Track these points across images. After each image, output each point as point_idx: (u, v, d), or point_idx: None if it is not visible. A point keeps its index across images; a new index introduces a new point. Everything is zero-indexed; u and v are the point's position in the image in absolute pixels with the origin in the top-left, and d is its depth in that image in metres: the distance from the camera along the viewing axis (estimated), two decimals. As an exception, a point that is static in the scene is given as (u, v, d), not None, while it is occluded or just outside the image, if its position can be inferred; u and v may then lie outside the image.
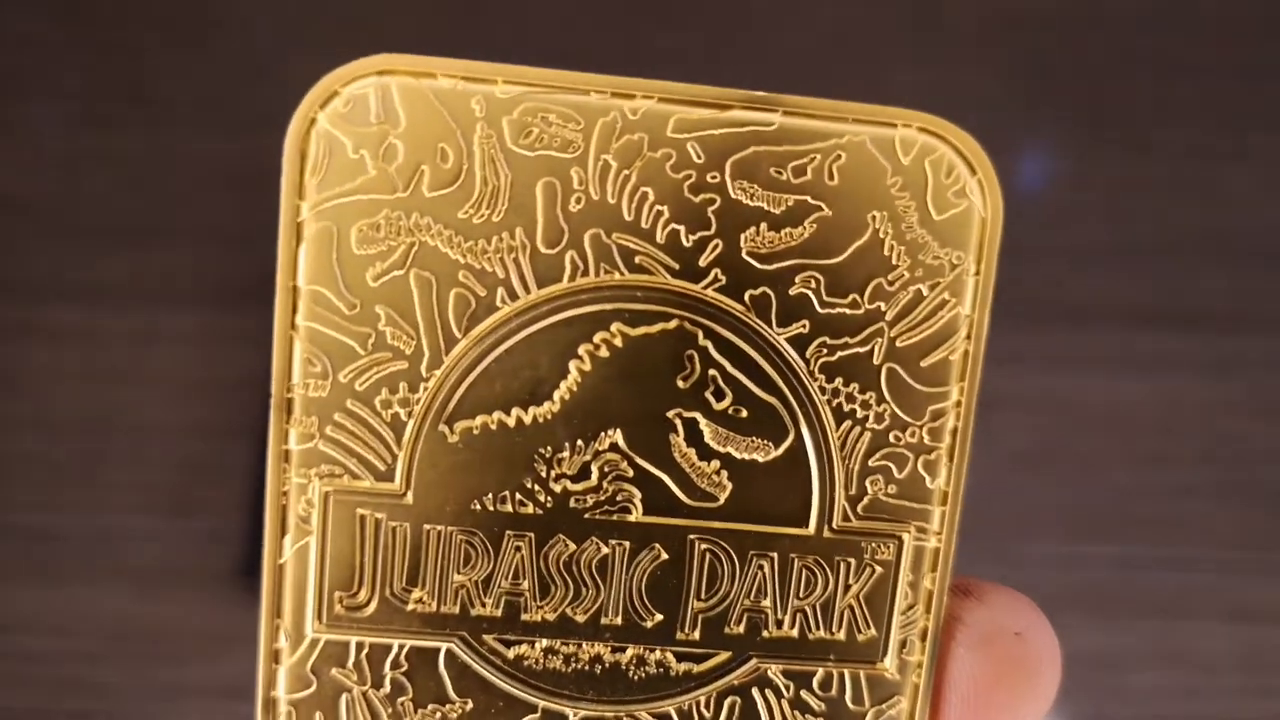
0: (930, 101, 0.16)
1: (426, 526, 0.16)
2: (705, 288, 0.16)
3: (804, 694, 0.17)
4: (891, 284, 0.16)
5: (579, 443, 0.16)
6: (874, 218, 0.16)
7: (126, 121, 0.40)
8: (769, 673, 0.17)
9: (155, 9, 0.41)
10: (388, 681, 0.17)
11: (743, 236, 0.16)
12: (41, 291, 0.40)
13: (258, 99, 0.35)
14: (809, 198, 0.16)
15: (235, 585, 0.38)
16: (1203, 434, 0.42)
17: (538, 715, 0.17)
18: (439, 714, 0.17)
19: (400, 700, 0.17)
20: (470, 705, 0.17)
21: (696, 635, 0.17)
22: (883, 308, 0.17)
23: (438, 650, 0.17)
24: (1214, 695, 0.41)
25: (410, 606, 0.16)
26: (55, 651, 0.39)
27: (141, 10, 0.41)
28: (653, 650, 0.17)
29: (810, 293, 0.16)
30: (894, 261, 0.16)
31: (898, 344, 0.17)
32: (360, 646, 0.16)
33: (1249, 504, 0.41)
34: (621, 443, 0.16)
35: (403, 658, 0.17)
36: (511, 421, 0.16)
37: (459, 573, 0.16)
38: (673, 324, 0.16)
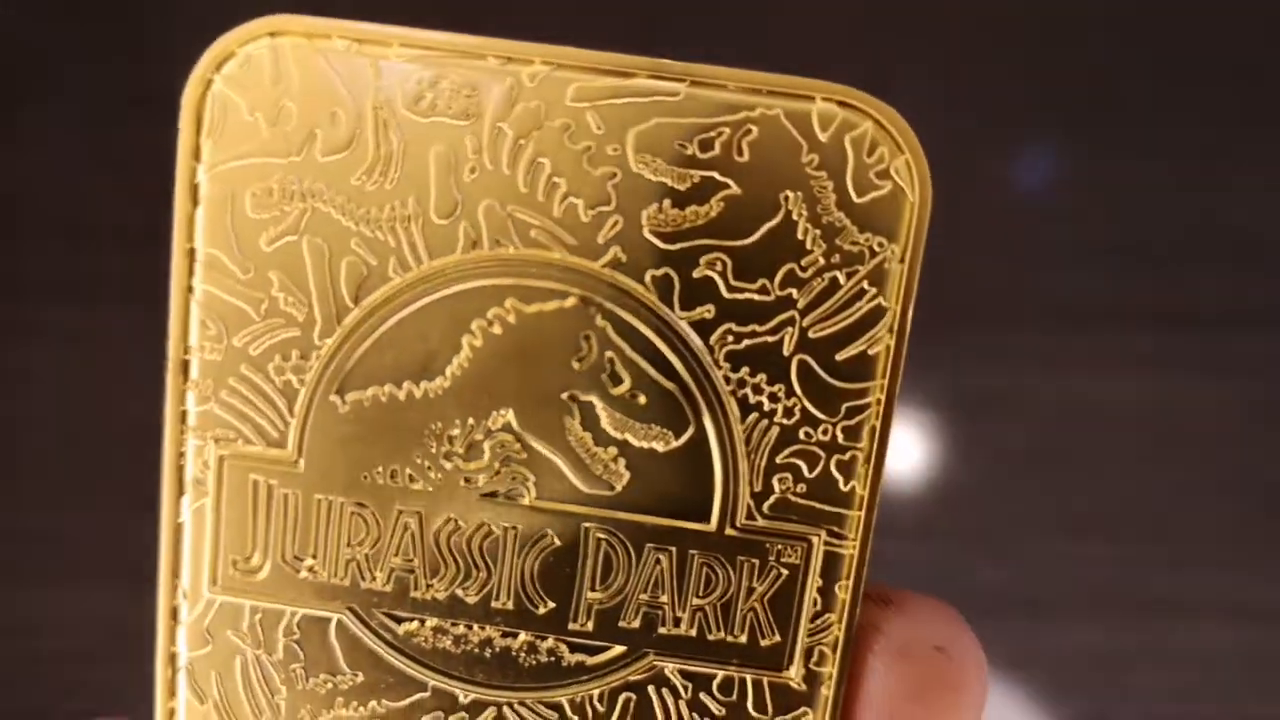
0: (930, 101, 0.15)
1: (317, 496, 0.16)
2: (604, 266, 0.15)
3: (703, 696, 0.16)
4: (805, 270, 0.15)
5: (470, 420, 0.16)
6: (787, 198, 0.15)
7: (126, 121, 0.40)
8: (666, 671, 0.16)
9: (154, 9, 0.41)
10: (281, 648, 0.16)
11: (644, 213, 0.15)
12: (41, 291, 0.40)
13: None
14: (716, 174, 0.15)
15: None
16: (1202, 434, 0.42)
17: (428, 694, 0.16)
18: (330, 684, 0.16)
19: (293, 667, 0.16)
20: (361, 678, 0.16)
21: (590, 626, 0.16)
22: (795, 295, 0.15)
23: (329, 621, 0.16)
24: (1214, 695, 0.41)
25: (302, 575, 0.16)
26: (55, 651, 0.39)
27: (141, 10, 0.41)
28: (544, 638, 0.16)
29: (716, 276, 0.15)
30: (808, 246, 0.15)
31: (810, 334, 0.15)
32: (255, 611, 0.16)
33: (1249, 504, 0.41)
34: (514, 423, 0.16)
35: (295, 625, 0.16)
36: (402, 395, 0.16)
37: (349, 545, 0.16)
38: (569, 302, 0.15)
